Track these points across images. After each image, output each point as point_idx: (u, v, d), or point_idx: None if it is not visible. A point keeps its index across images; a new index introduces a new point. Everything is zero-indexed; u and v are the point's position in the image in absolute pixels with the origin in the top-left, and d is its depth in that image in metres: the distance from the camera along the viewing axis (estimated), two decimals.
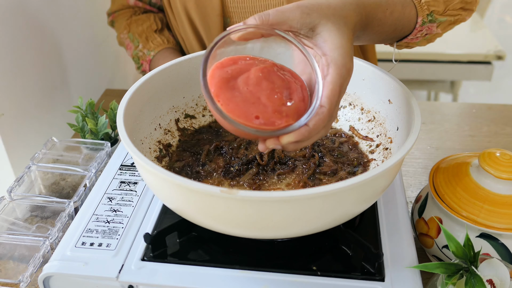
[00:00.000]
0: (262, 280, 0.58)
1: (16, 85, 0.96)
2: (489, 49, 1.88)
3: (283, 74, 0.54)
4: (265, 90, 0.51)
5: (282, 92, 0.52)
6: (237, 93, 0.51)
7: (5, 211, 0.74)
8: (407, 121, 0.61)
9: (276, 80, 0.53)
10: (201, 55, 0.74)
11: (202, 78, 0.50)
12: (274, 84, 0.52)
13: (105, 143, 0.85)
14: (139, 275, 0.58)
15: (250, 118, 0.50)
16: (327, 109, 0.50)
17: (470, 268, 0.54)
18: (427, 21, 0.69)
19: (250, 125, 0.50)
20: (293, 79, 0.54)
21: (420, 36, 0.72)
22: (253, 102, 0.51)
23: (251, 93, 0.51)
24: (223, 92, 0.51)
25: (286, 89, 0.53)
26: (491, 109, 1.10)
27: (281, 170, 0.66)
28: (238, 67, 0.53)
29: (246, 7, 0.96)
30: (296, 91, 0.53)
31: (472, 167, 0.66)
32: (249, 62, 0.54)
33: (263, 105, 0.51)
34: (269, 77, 0.52)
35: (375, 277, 0.57)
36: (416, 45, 0.77)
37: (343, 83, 0.51)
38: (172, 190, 0.53)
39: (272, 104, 0.51)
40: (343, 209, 0.53)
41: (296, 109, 0.52)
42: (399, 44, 0.74)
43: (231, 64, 0.53)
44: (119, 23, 1.11)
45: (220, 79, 0.51)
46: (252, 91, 0.51)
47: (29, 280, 0.65)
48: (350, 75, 0.53)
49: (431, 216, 0.66)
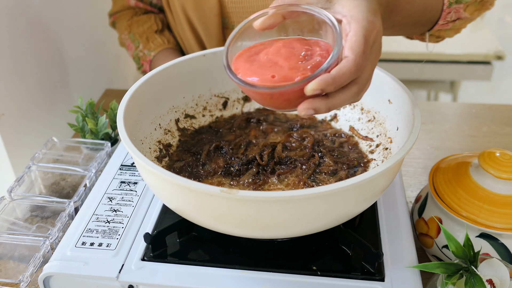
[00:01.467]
0: (262, 280, 0.58)
1: (16, 85, 0.96)
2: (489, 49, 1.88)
3: (309, 43, 0.54)
4: (283, 55, 0.52)
5: (300, 54, 0.52)
6: (256, 63, 0.53)
7: (5, 211, 0.74)
8: (407, 121, 0.61)
9: (297, 46, 0.53)
10: (201, 55, 0.74)
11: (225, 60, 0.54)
12: (294, 49, 0.53)
13: (105, 143, 0.85)
14: (139, 275, 0.58)
15: (266, 78, 0.51)
16: (351, 58, 0.48)
17: (470, 268, 0.54)
18: (453, 1, 0.69)
19: (266, 84, 0.51)
20: (319, 47, 0.54)
21: (450, 20, 0.72)
22: (270, 66, 0.52)
23: (269, 60, 0.53)
24: (243, 65, 0.53)
25: (306, 52, 0.53)
26: (491, 109, 1.10)
27: (281, 170, 0.66)
28: (263, 46, 0.55)
29: (244, 7, 0.96)
30: (318, 54, 0.52)
31: (472, 167, 0.66)
32: (276, 40, 0.56)
33: (279, 66, 0.52)
34: (289, 45, 0.54)
35: (375, 277, 0.57)
36: (446, 36, 0.77)
37: (367, 34, 0.50)
38: (172, 190, 0.53)
39: (289, 63, 0.51)
40: (343, 209, 0.53)
41: (316, 65, 0.51)
42: (431, 34, 0.75)
43: (258, 46, 0.56)
44: (120, 24, 1.11)
45: (243, 57, 0.54)
46: (270, 58, 0.53)
47: (29, 280, 0.65)
48: (375, 27, 0.51)
49: (431, 216, 0.66)
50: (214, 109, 0.78)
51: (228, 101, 0.79)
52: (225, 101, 0.79)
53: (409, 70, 1.92)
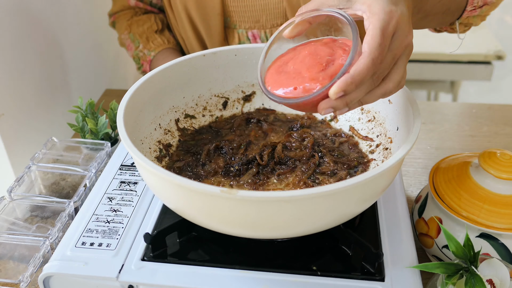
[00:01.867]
0: (262, 280, 0.58)
1: (16, 85, 0.96)
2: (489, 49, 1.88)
3: (336, 44, 0.56)
4: (307, 64, 0.54)
5: (323, 61, 0.54)
6: (283, 74, 0.56)
7: (5, 211, 0.74)
8: (407, 121, 0.61)
9: (322, 53, 0.55)
10: (201, 55, 0.74)
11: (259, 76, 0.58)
12: (317, 57, 0.54)
13: (105, 143, 0.85)
14: (139, 275, 0.58)
15: (290, 90, 0.54)
16: (366, 53, 0.49)
17: (470, 268, 0.54)
18: None
19: (289, 96, 0.54)
20: (347, 46, 0.55)
21: (477, 6, 0.75)
22: (293, 77, 0.54)
23: (295, 70, 0.55)
24: (272, 77, 0.57)
25: (332, 56, 0.54)
26: (491, 109, 1.10)
27: (281, 170, 0.66)
28: (293, 54, 0.57)
29: (246, 6, 0.96)
30: (343, 55, 0.54)
31: (472, 167, 0.66)
32: (306, 44, 0.58)
33: (302, 77, 0.54)
34: (315, 52, 0.55)
35: (375, 277, 0.57)
36: (474, 23, 0.80)
37: (384, 25, 0.50)
38: (172, 190, 0.53)
39: (310, 74, 0.53)
40: (343, 209, 0.53)
41: (335, 71, 0.52)
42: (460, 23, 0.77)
43: (290, 52, 0.58)
44: (120, 24, 1.11)
45: (274, 67, 0.58)
46: (296, 68, 0.55)
47: (29, 280, 0.65)
48: (393, 16, 0.50)
49: (431, 216, 0.66)
50: (214, 109, 0.78)
51: (228, 101, 0.79)
52: (225, 101, 0.79)
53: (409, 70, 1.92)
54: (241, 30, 1.00)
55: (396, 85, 0.53)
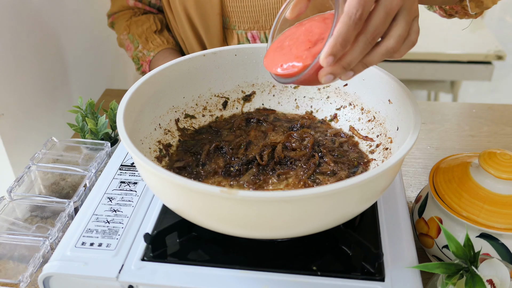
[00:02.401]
0: (262, 280, 0.58)
1: (16, 85, 0.96)
2: (489, 49, 1.88)
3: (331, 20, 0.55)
4: (299, 40, 0.55)
5: (314, 38, 0.54)
6: (279, 50, 0.56)
7: (5, 211, 0.74)
8: (407, 121, 0.61)
9: (316, 29, 0.55)
10: (201, 55, 0.74)
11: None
12: (311, 33, 0.54)
13: (105, 143, 0.85)
14: (139, 275, 0.58)
15: (276, 68, 0.55)
16: (345, 11, 0.47)
17: (470, 268, 0.54)
18: None
19: (276, 73, 0.55)
20: None
21: None
22: (284, 53, 0.55)
23: (288, 46, 0.55)
24: (271, 53, 0.57)
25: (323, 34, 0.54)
26: (491, 109, 1.10)
27: (281, 170, 0.66)
28: (297, 29, 0.57)
29: (245, 6, 0.96)
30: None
31: (472, 167, 0.66)
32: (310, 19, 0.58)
33: (290, 54, 0.54)
34: (310, 28, 0.55)
35: (375, 277, 0.57)
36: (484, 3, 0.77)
37: None
38: (172, 190, 0.53)
39: (297, 51, 0.54)
40: (343, 209, 0.53)
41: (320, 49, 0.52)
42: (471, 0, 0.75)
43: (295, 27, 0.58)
44: (119, 24, 1.11)
45: (275, 44, 0.58)
46: (290, 44, 0.55)
47: (29, 280, 0.65)
48: None
49: (431, 216, 0.66)
50: (214, 109, 0.78)
51: (228, 101, 0.79)
52: (225, 101, 0.79)
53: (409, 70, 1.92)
54: (241, 31, 1.00)
55: (398, 41, 0.50)
